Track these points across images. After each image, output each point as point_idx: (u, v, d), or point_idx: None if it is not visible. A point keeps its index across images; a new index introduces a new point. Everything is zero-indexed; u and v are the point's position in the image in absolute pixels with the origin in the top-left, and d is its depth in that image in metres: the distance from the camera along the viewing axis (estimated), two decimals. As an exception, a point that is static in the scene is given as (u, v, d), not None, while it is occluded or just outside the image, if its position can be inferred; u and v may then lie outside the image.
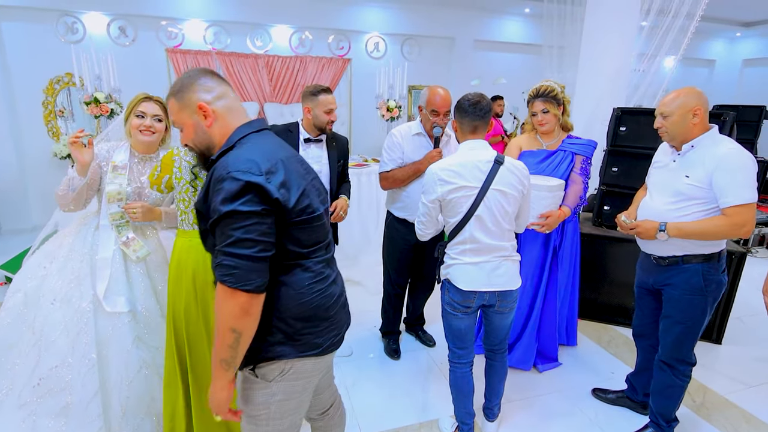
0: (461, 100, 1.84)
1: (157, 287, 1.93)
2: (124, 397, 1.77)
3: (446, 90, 2.38)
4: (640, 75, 4.04)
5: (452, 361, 1.97)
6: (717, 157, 1.71)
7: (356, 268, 3.90)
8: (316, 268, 1.24)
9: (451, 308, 1.87)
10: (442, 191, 1.74)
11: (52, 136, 5.00)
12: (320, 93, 2.27)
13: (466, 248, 1.79)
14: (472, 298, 1.81)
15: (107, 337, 1.77)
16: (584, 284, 3.09)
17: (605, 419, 2.26)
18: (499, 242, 1.79)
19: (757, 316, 3.28)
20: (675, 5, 3.74)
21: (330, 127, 2.34)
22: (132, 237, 1.87)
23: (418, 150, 2.42)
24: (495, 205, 1.75)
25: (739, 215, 1.69)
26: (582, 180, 2.40)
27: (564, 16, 4.80)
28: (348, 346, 2.79)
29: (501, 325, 1.94)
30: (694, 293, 1.85)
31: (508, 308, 1.88)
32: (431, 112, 2.34)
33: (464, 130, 1.83)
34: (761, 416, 2.28)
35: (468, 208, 1.74)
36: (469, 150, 1.79)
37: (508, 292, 1.83)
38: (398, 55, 6.33)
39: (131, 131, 1.91)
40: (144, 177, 1.92)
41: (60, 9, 4.80)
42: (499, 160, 1.75)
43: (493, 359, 2.05)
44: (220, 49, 5.46)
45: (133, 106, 1.90)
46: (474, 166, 1.74)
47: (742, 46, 7.86)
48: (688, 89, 1.80)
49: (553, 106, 2.36)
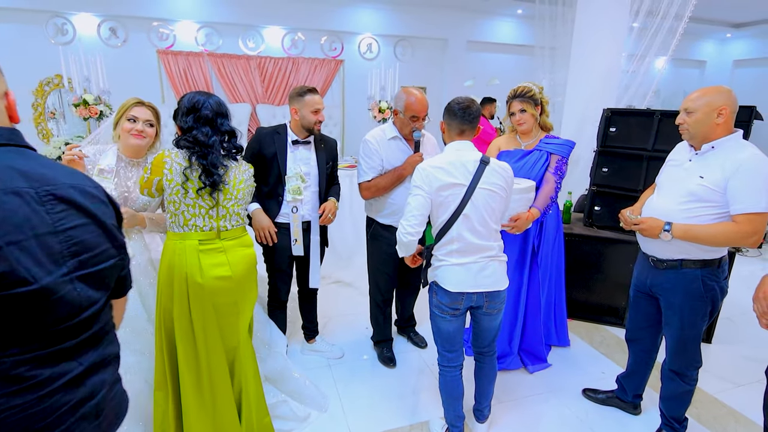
0: (452, 102, 1.83)
1: (143, 290, 1.90)
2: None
3: (421, 91, 2.34)
4: (630, 76, 4.06)
5: (442, 365, 1.96)
6: (737, 162, 1.62)
7: (348, 270, 3.89)
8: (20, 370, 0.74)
9: (439, 311, 1.86)
10: (436, 186, 1.73)
11: (42, 138, 4.96)
12: (306, 93, 2.25)
13: (453, 249, 1.78)
14: (460, 300, 1.80)
15: None
16: (575, 284, 3.11)
17: (595, 419, 2.26)
18: (485, 242, 1.78)
19: (746, 315, 3.30)
20: (664, 7, 3.76)
21: (318, 127, 2.32)
22: None
23: (396, 155, 2.37)
24: (482, 204, 1.75)
25: (750, 223, 1.61)
26: (555, 180, 2.43)
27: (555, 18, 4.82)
28: (339, 348, 2.78)
29: (489, 326, 1.93)
30: (695, 299, 1.81)
31: (496, 309, 1.87)
32: (411, 118, 2.30)
33: (452, 132, 1.84)
34: (750, 415, 2.29)
35: (456, 206, 1.74)
36: (456, 150, 1.80)
37: (495, 293, 1.83)
38: (391, 56, 6.34)
39: (121, 134, 1.89)
40: (131, 182, 1.90)
41: (50, 10, 4.76)
42: (485, 160, 1.76)
43: (482, 361, 2.04)
44: (211, 51, 5.44)
45: (125, 110, 1.89)
46: (461, 165, 1.75)
47: (732, 47, 7.92)
48: (717, 87, 1.71)
49: (531, 106, 2.41)
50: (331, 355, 2.74)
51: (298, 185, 2.30)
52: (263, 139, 2.30)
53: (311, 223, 2.41)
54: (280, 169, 2.29)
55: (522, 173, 2.43)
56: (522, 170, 2.44)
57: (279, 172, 2.29)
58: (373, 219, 2.52)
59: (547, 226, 2.56)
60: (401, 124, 2.36)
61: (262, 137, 2.31)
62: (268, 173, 2.30)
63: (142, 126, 1.88)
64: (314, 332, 2.78)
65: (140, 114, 1.88)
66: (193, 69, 5.27)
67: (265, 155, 2.27)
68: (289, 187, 2.30)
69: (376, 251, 2.57)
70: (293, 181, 2.30)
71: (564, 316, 2.82)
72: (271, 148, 2.28)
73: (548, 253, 2.59)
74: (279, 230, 2.33)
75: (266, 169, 2.29)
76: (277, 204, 2.32)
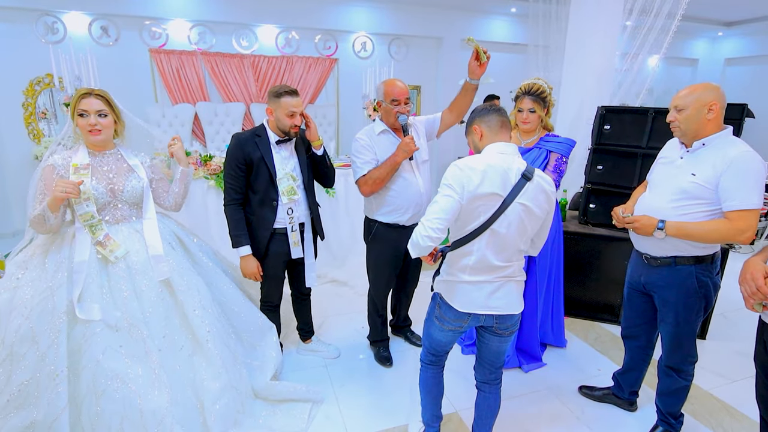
0: (476, 108, 1.69)
1: (141, 290, 1.87)
2: (93, 413, 1.68)
3: (400, 80, 2.33)
4: (624, 74, 4.08)
5: (424, 361, 1.86)
6: (729, 159, 1.63)
7: (344, 269, 3.88)
8: None
9: (439, 322, 1.71)
10: (471, 191, 1.48)
11: (33, 138, 4.90)
12: (283, 95, 2.13)
13: (468, 264, 1.58)
14: (466, 319, 1.64)
15: (78, 347, 1.71)
16: (570, 282, 3.11)
17: (591, 416, 2.26)
18: (505, 263, 1.59)
19: (739, 311, 3.32)
20: (656, 5, 3.78)
21: (295, 130, 2.22)
22: (107, 236, 1.82)
23: (387, 148, 2.31)
24: (516, 222, 1.53)
25: (742, 220, 1.63)
26: (554, 178, 2.41)
27: (549, 16, 4.84)
28: (336, 348, 2.77)
29: (498, 349, 1.73)
30: (689, 296, 1.82)
31: (508, 332, 1.69)
32: (392, 102, 2.26)
33: (492, 128, 1.60)
34: (744, 410, 2.31)
35: (485, 219, 1.52)
36: (499, 154, 1.55)
37: (507, 316, 1.64)
38: (385, 55, 6.32)
39: (81, 132, 1.83)
40: (112, 174, 1.87)
41: (40, 9, 4.69)
42: (528, 174, 1.52)
43: (486, 391, 1.81)
44: (205, 50, 5.39)
45: (74, 104, 1.80)
46: (503, 172, 1.51)
47: (724, 45, 7.97)
48: (705, 84, 1.71)
49: (540, 107, 2.39)
50: (328, 355, 2.72)
51: (291, 185, 2.26)
52: (244, 145, 2.18)
53: (305, 224, 2.40)
54: (270, 173, 2.22)
55: None
56: None
57: (269, 177, 2.22)
58: (375, 219, 2.44)
59: None
60: (386, 114, 2.33)
61: (243, 143, 2.19)
62: (256, 180, 2.22)
63: (94, 119, 1.79)
64: (310, 332, 2.77)
65: (89, 106, 1.78)
66: (186, 68, 5.22)
67: (251, 161, 2.19)
68: (282, 189, 2.24)
69: (378, 252, 2.51)
70: (285, 182, 2.25)
71: (561, 316, 2.82)
72: (255, 153, 2.19)
73: (547, 253, 2.58)
74: (275, 236, 2.30)
75: (254, 175, 2.22)
76: (271, 210, 2.26)
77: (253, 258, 2.26)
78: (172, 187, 2.13)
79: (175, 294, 1.93)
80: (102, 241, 1.81)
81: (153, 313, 1.86)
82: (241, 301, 2.27)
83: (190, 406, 1.86)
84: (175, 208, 2.14)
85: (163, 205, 2.11)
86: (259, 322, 2.33)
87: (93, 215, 1.80)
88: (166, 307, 1.90)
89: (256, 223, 2.27)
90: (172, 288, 1.93)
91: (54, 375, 1.65)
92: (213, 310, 2.03)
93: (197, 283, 2.02)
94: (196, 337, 1.93)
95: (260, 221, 2.27)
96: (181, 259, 2.03)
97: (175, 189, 2.12)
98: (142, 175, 1.96)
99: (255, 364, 2.22)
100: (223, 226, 2.87)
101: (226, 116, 5.30)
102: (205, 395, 1.87)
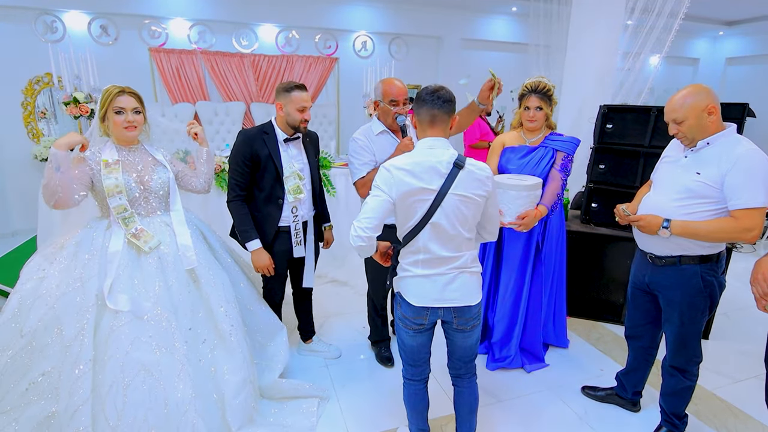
0: (420, 90, 1.63)
1: (171, 282, 1.88)
2: (120, 403, 1.66)
3: (399, 79, 2.31)
4: (625, 73, 4.06)
5: (405, 377, 1.84)
6: (734, 157, 1.62)
7: (344, 269, 3.87)
8: None
9: (402, 324, 1.70)
10: (402, 191, 1.53)
11: (32, 138, 4.88)
12: (293, 89, 2.16)
13: (419, 259, 1.61)
14: (425, 315, 1.64)
15: (105, 337, 1.71)
16: (572, 281, 3.10)
17: (594, 417, 2.25)
18: (455, 253, 1.60)
19: (742, 311, 3.31)
20: (659, 4, 3.76)
21: (305, 125, 2.24)
22: (140, 228, 1.87)
23: (386, 149, 2.28)
24: (453, 212, 1.56)
25: (748, 218, 1.61)
26: (561, 177, 2.40)
27: (550, 15, 4.81)
28: (337, 348, 2.75)
29: (463, 345, 1.73)
30: (694, 295, 1.80)
31: (470, 326, 1.67)
32: (390, 103, 2.24)
33: (422, 122, 1.61)
34: (748, 410, 2.30)
35: (423, 214, 1.55)
36: (428, 149, 1.58)
37: (465, 309, 1.64)
38: (386, 54, 6.30)
39: (113, 128, 1.88)
40: (140, 167, 1.94)
41: (39, 8, 4.68)
42: (459, 163, 1.55)
43: (460, 386, 1.82)
44: (204, 49, 5.38)
45: (109, 101, 1.84)
46: (431, 167, 1.54)
47: (725, 44, 7.96)
48: (693, 88, 1.68)
49: (547, 104, 2.38)
50: (329, 355, 2.71)
51: (297, 184, 2.25)
52: (252, 141, 2.19)
53: (308, 223, 2.39)
54: (277, 170, 2.22)
55: (527, 170, 2.40)
56: (527, 167, 2.41)
57: (276, 174, 2.22)
58: None
59: (552, 224, 2.54)
60: (384, 114, 2.30)
61: (251, 139, 2.19)
62: (263, 177, 2.22)
63: (131, 116, 1.87)
64: (311, 332, 2.75)
65: (126, 103, 1.86)
66: (186, 67, 5.21)
67: (258, 158, 2.19)
68: (288, 187, 2.24)
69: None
70: (291, 180, 2.24)
71: (563, 317, 2.80)
72: (263, 150, 2.19)
73: (551, 252, 2.56)
74: (279, 234, 2.29)
75: (260, 172, 2.21)
76: (277, 208, 2.26)
77: (264, 251, 2.24)
78: (199, 169, 2.18)
79: (201, 287, 1.96)
80: (136, 233, 1.85)
81: (181, 305, 1.87)
82: (255, 300, 2.28)
83: (211, 400, 1.86)
84: (207, 188, 2.21)
85: (196, 189, 2.18)
86: (272, 322, 2.32)
87: (126, 208, 1.85)
88: (193, 300, 1.92)
89: (260, 220, 2.27)
90: (198, 281, 1.96)
91: (78, 365, 1.64)
92: (236, 305, 2.05)
93: (222, 277, 2.05)
94: (219, 331, 1.94)
95: (265, 219, 2.26)
96: (206, 252, 2.06)
97: (203, 170, 2.18)
98: (168, 167, 2.02)
99: (263, 364, 2.22)
100: (223, 224, 2.86)
101: (226, 115, 5.29)
102: (225, 389, 1.88)
